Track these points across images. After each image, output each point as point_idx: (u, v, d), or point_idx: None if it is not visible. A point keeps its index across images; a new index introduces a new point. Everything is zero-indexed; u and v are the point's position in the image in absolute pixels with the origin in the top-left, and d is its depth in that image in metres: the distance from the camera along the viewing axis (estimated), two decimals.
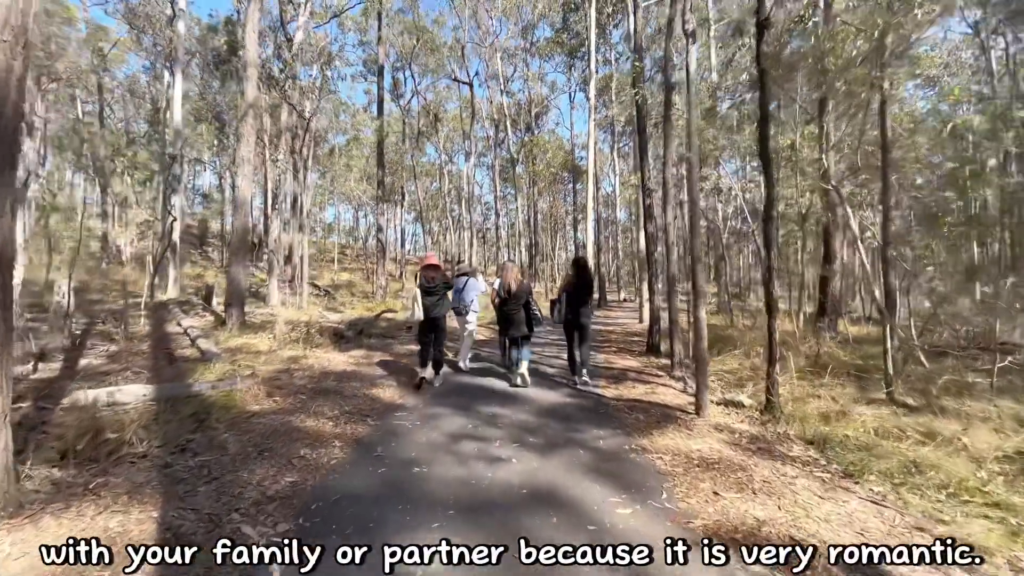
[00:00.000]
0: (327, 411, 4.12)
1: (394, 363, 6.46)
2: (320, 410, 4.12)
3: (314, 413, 4.03)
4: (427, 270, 5.37)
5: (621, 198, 28.08)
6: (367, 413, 4.20)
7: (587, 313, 5.61)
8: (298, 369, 5.48)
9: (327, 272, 32.59)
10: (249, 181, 7.87)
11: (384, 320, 11.20)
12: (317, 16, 20.66)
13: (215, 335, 7.38)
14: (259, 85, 8.71)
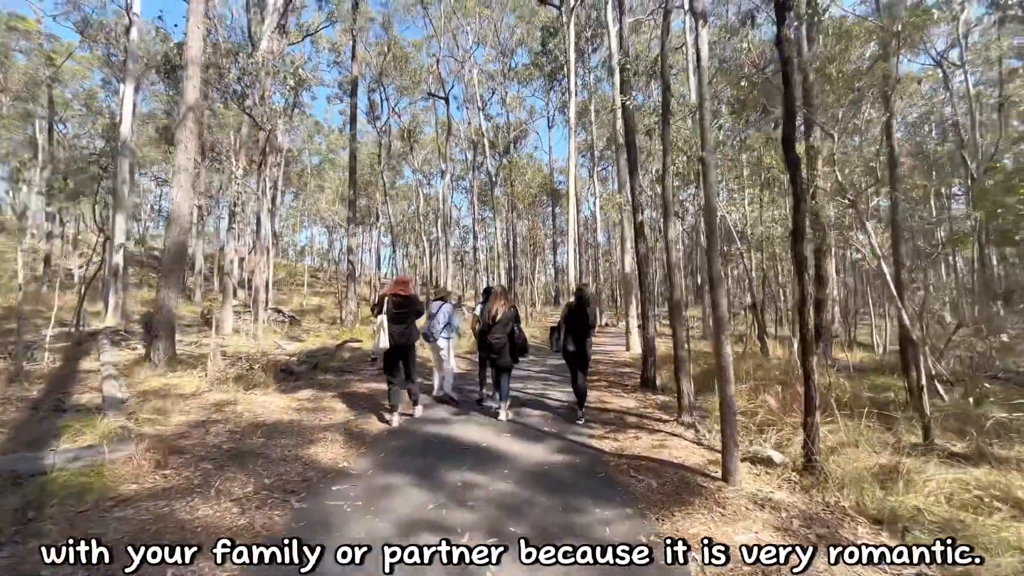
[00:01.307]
0: (237, 488, 3.04)
1: (347, 407, 5.38)
2: (227, 487, 3.04)
3: (217, 492, 2.95)
4: (395, 294, 4.85)
5: (602, 221, 27.63)
6: (293, 488, 3.14)
7: (589, 344, 5.30)
8: (220, 421, 4.37)
9: (297, 296, 31.05)
10: (187, 193, 6.81)
11: (348, 350, 10.06)
12: (291, 36, 19.97)
13: (135, 373, 6.18)
14: (204, 89, 7.72)
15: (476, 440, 4.36)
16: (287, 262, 42.37)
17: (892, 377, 8.18)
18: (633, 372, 8.55)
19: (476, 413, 5.40)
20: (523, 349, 5.33)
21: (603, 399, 6.21)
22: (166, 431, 3.94)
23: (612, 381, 7.63)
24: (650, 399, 6.29)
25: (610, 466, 3.76)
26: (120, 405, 4.51)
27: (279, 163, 28.25)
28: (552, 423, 5.04)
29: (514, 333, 5.23)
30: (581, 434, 4.64)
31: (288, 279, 35.99)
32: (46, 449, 3.19)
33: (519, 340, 5.27)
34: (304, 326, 18.23)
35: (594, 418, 5.26)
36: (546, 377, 8.06)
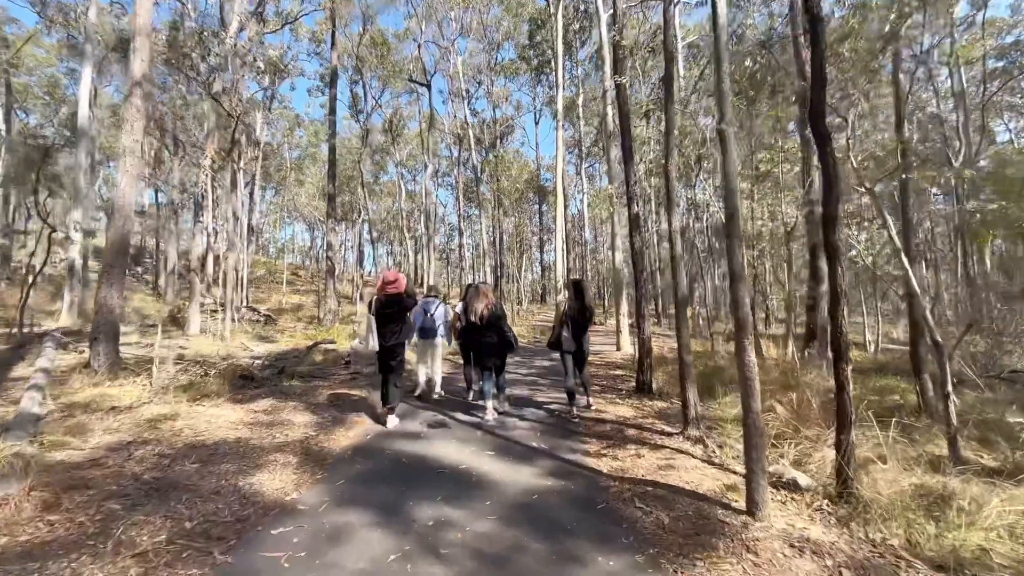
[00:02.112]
0: (146, 537, 2.40)
1: (310, 420, 4.74)
2: (133, 536, 2.40)
3: (117, 545, 2.30)
4: (385, 291, 4.72)
5: (589, 218, 27.16)
6: (221, 534, 2.51)
7: (587, 339, 5.44)
8: (150, 442, 3.70)
9: (276, 295, 30.04)
10: (132, 179, 6.08)
11: (320, 352, 9.37)
12: (269, 24, 19.06)
13: (71, 382, 5.45)
14: (175, 76, 6.96)
15: (455, 460, 3.76)
16: (267, 259, 41.12)
17: (894, 379, 7.78)
18: (626, 375, 8.03)
19: (458, 423, 4.80)
20: (512, 346, 5.30)
21: (597, 407, 5.66)
22: (76, 457, 3.26)
23: (605, 385, 7.09)
24: (648, 406, 5.75)
25: (611, 493, 3.19)
26: (34, 423, 3.81)
27: (256, 157, 27.28)
28: (542, 436, 4.46)
29: (503, 330, 5.20)
30: (575, 450, 4.07)
31: (268, 276, 34.85)
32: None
33: (508, 337, 5.23)
34: (280, 325, 17.40)
35: (589, 430, 4.70)
36: (533, 381, 7.49)
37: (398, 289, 4.72)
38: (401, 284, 4.76)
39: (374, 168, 36.02)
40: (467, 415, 5.18)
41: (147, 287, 25.54)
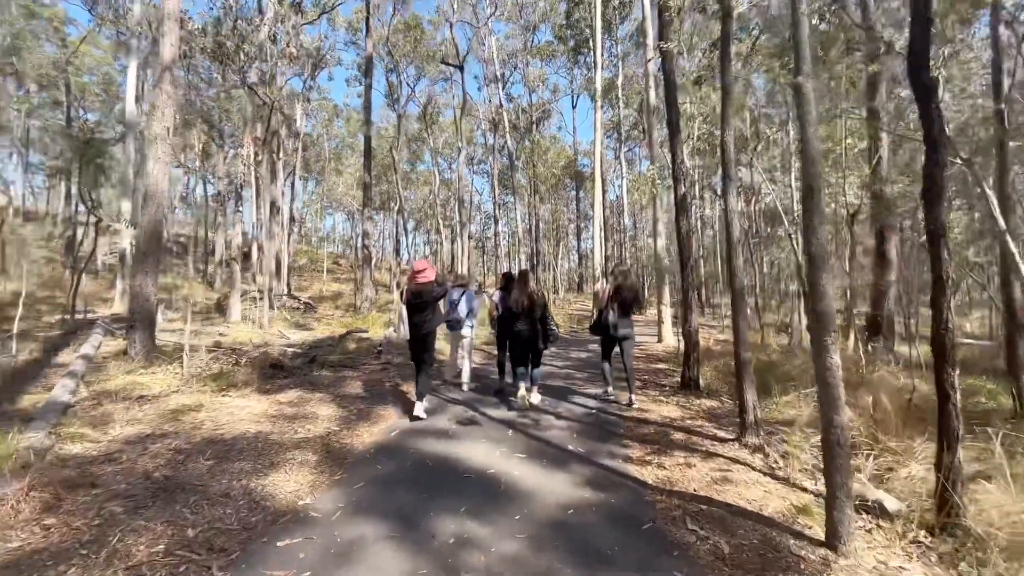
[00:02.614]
0: (143, 546, 2.20)
1: (334, 413, 4.54)
2: (129, 545, 2.20)
3: (110, 556, 2.11)
4: (415, 280, 4.70)
5: (628, 204, 26.21)
6: (224, 545, 2.28)
7: (631, 324, 5.25)
8: (169, 435, 3.57)
9: (317, 283, 30.82)
10: (164, 165, 6.05)
11: (353, 340, 9.30)
12: (306, 15, 19.17)
13: (107, 369, 5.50)
14: (190, 53, 6.91)
15: (483, 463, 3.44)
16: (309, 248, 42.27)
17: (978, 379, 6.93)
18: (669, 369, 7.51)
19: (489, 421, 4.49)
20: (552, 337, 5.22)
21: (640, 404, 5.22)
22: (91, 451, 3.15)
23: (647, 380, 6.61)
24: (695, 405, 5.26)
25: (658, 510, 2.79)
26: (60, 413, 3.77)
27: (296, 148, 27.83)
28: (578, 437, 4.08)
29: (545, 319, 5.09)
30: (615, 455, 3.67)
31: (310, 265, 35.82)
32: None
33: (549, 328, 5.15)
34: (319, 313, 17.70)
35: (630, 432, 4.28)
36: (569, 374, 7.09)
37: (427, 278, 4.69)
38: (430, 273, 4.75)
39: (410, 157, 36.18)
40: (499, 411, 4.86)
41: (198, 275, 26.67)
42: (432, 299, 4.67)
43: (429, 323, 4.67)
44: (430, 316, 4.67)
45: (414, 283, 4.68)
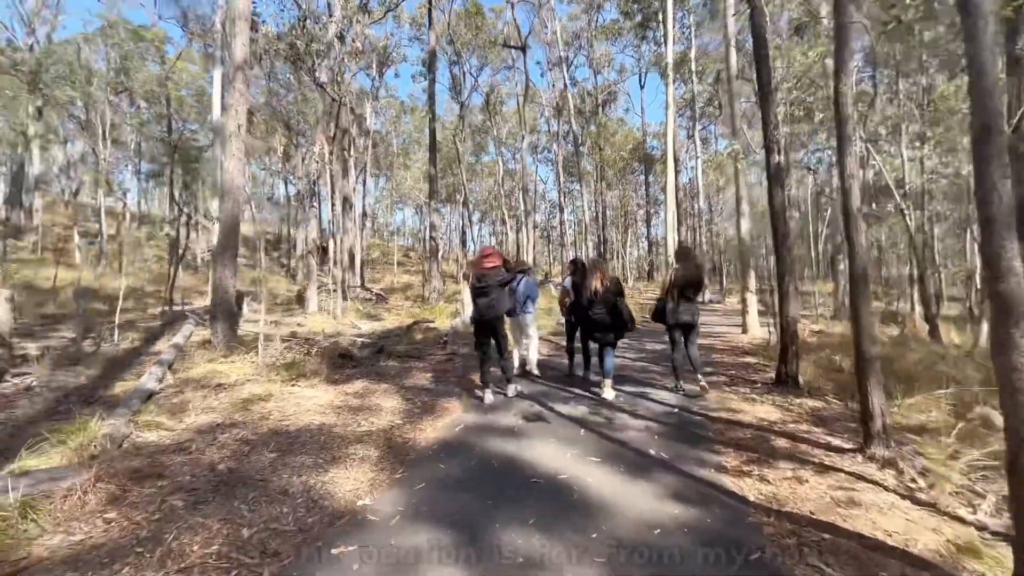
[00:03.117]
0: (196, 546, 2.09)
1: (398, 405, 4.41)
2: (184, 544, 2.10)
3: (164, 556, 2.01)
4: (481, 265, 4.72)
5: (704, 186, 24.53)
6: (278, 548, 2.13)
7: (696, 310, 4.96)
8: (238, 424, 3.57)
9: (388, 275, 32.02)
10: (238, 162, 6.26)
11: (420, 331, 9.32)
12: (374, 13, 19.66)
13: (192, 357, 5.79)
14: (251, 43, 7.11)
15: (553, 466, 3.11)
16: (381, 242, 44.05)
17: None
18: (759, 364, 6.73)
19: (558, 417, 4.15)
20: (629, 325, 4.92)
21: (729, 403, 4.63)
22: (165, 440, 3.19)
23: (735, 376, 5.93)
24: (795, 405, 4.58)
25: (767, 536, 2.30)
26: (143, 399, 3.92)
27: (367, 146, 28.90)
28: (660, 440, 3.62)
29: (619, 307, 4.82)
30: (706, 463, 3.19)
31: (381, 258, 37.31)
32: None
33: (624, 316, 4.85)
34: (390, 304, 18.23)
35: (721, 436, 3.75)
36: (644, 367, 6.56)
37: (494, 263, 4.70)
38: (497, 258, 4.78)
39: (474, 148, 36.40)
40: (568, 407, 4.50)
41: (282, 270, 28.64)
42: (497, 284, 4.62)
43: (495, 308, 4.61)
44: (496, 301, 4.61)
45: (480, 268, 4.69)
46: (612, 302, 4.82)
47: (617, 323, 4.85)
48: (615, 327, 4.88)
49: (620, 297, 4.89)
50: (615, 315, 4.82)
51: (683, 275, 4.82)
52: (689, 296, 4.89)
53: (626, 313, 4.84)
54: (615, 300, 4.83)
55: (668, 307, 4.90)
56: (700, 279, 4.96)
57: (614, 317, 4.82)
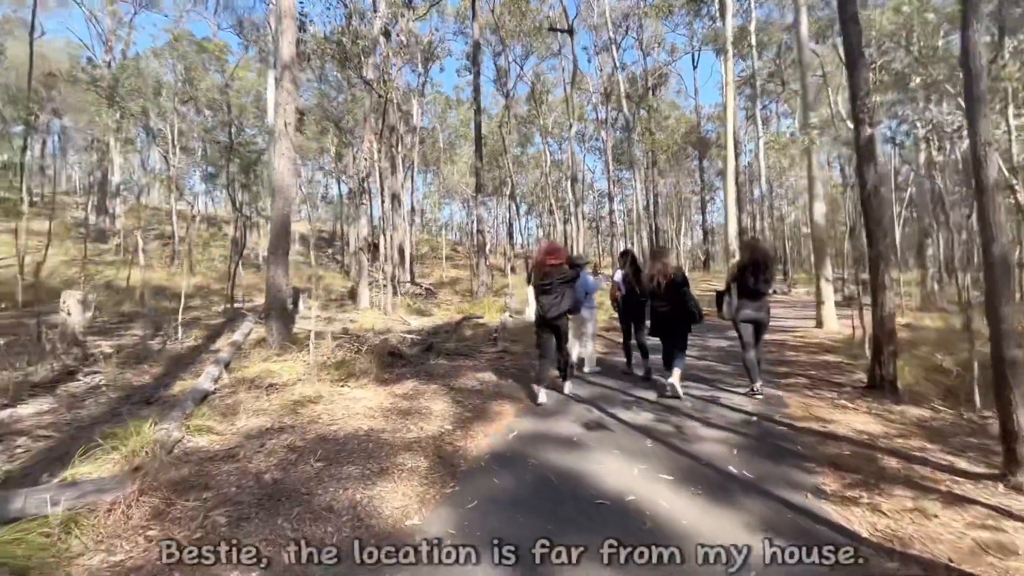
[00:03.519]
0: (245, 558, 1.93)
1: (448, 408, 4.20)
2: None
3: None
4: (544, 262, 4.54)
5: (766, 169, 22.94)
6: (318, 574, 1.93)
7: (766, 307, 4.63)
8: (288, 428, 3.47)
9: (438, 270, 32.45)
10: (288, 160, 6.28)
11: (469, 327, 9.16)
12: (418, 10, 19.73)
13: (250, 356, 5.87)
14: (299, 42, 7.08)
15: (619, 485, 2.77)
16: (430, 237, 44.72)
17: None
18: (844, 363, 6.03)
19: (620, 424, 3.79)
20: (696, 318, 4.60)
21: (815, 410, 4.08)
22: (215, 445, 3.12)
23: (816, 377, 5.31)
24: (896, 415, 3.97)
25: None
26: (198, 401, 3.92)
27: (414, 143, 29.25)
28: (741, 455, 3.19)
29: (686, 298, 4.55)
30: (800, 486, 2.74)
31: (430, 253, 37.87)
32: (48, 477, 2.48)
33: (692, 308, 4.57)
34: (439, 298, 18.34)
35: (813, 451, 3.25)
36: (711, 367, 6.03)
37: (559, 260, 4.54)
38: (563, 255, 4.64)
39: (520, 139, 36.02)
40: (630, 413, 4.13)
41: (337, 265, 29.64)
42: (561, 281, 4.44)
43: (559, 306, 4.41)
44: (560, 299, 4.42)
45: (543, 266, 4.51)
46: (677, 294, 4.55)
47: (683, 316, 4.56)
48: (681, 321, 4.59)
49: (686, 287, 4.61)
50: (681, 308, 4.54)
51: (751, 268, 4.46)
52: (760, 289, 4.50)
53: (693, 305, 4.56)
54: (681, 291, 4.56)
55: (735, 301, 4.56)
56: (770, 271, 4.55)
57: (680, 310, 4.54)
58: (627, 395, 4.71)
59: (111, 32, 26.23)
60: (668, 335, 4.68)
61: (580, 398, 4.62)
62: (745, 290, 4.52)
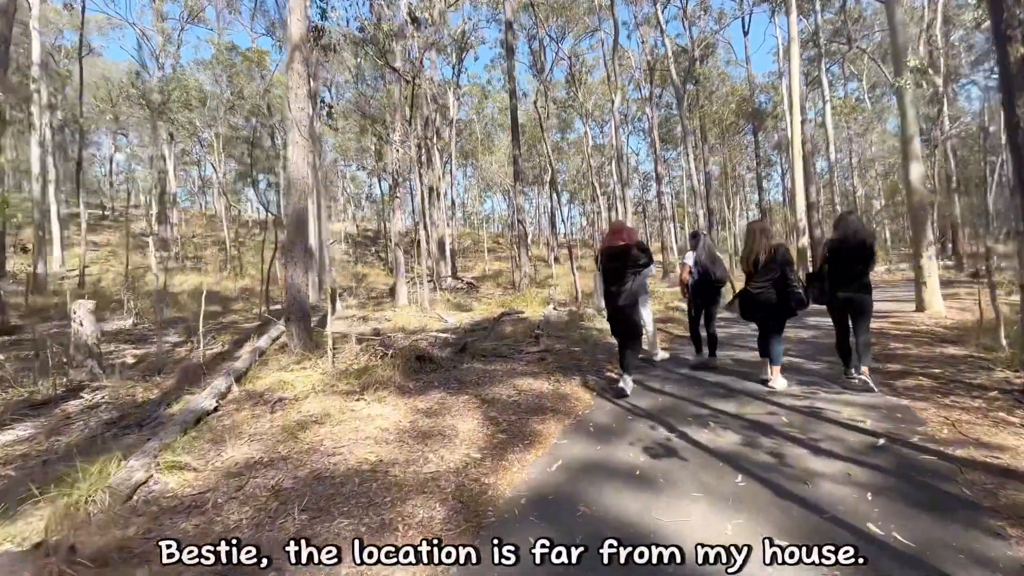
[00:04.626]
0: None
1: (477, 429, 3.46)
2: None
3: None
4: (610, 245, 4.34)
5: (834, 135, 20.72)
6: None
7: (866, 287, 3.99)
8: (276, 462, 2.84)
9: (480, 263, 32.04)
10: (302, 150, 5.74)
11: (509, 322, 8.42)
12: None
13: (269, 362, 5.41)
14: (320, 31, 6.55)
15: (711, 553, 1.92)
16: (471, 231, 44.40)
17: None
18: (973, 357, 4.79)
19: (696, 449, 2.91)
20: (802, 300, 4.09)
21: (964, 426, 3.03)
22: (185, 490, 2.52)
23: (944, 378, 4.15)
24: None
25: None
26: (192, 423, 3.39)
27: (451, 135, 28.81)
28: (881, 503, 2.24)
29: (788, 279, 4.07)
30: (991, 561, 1.79)
31: (473, 247, 37.53)
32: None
33: (794, 288, 4.07)
34: (481, 292, 17.75)
35: (986, 494, 2.26)
36: (799, 365, 4.97)
37: (625, 239, 4.25)
38: (630, 235, 4.34)
39: (559, 125, 34.83)
40: (707, 431, 3.23)
41: (381, 263, 29.78)
42: (632, 264, 4.16)
43: (628, 294, 4.17)
44: (629, 286, 4.16)
45: (609, 245, 4.30)
46: (779, 274, 4.10)
47: (785, 301, 4.09)
48: (782, 305, 4.13)
49: (789, 267, 4.14)
50: (783, 290, 4.09)
51: (846, 247, 3.98)
52: (857, 271, 3.99)
53: (799, 287, 4.10)
54: (783, 271, 4.09)
55: (827, 285, 4.11)
56: (868, 251, 3.98)
57: (781, 293, 4.09)
58: (699, 405, 3.81)
59: (161, 48, 27.29)
60: (766, 321, 4.26)
61: (642, 411, 3.77)
62: (838, 272, 4.02)
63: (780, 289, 4.10)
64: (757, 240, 4.24)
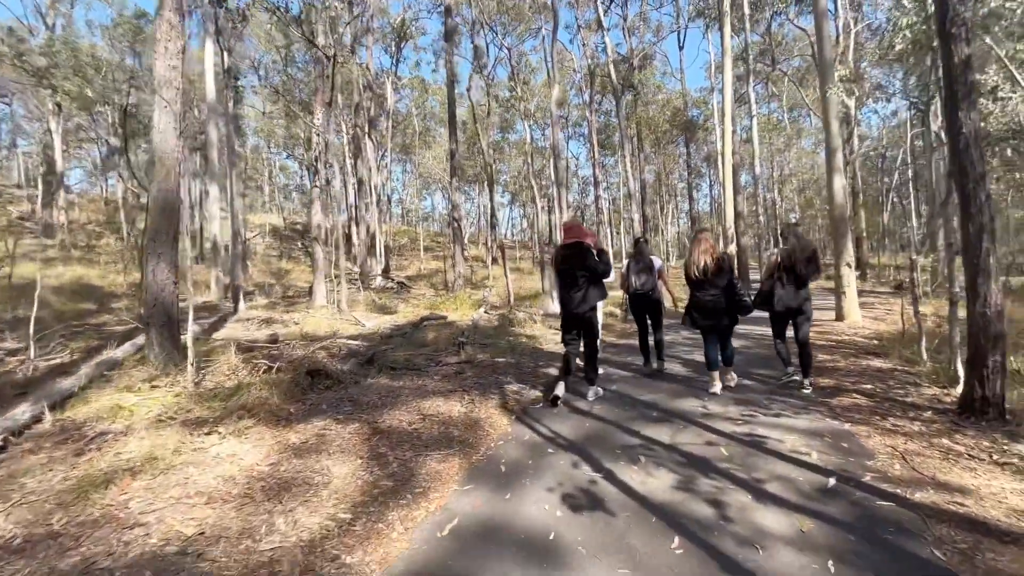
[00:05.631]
0: None
1: (353, 478, 2.71)
2: None
3: None
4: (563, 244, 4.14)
5: (760, 149, 21.73)
6: None
7: (807, 295, 4.14)
8: (41, 543, 1.96)
9: (416, 262, 30.84)
10: (172, 116, 4.68)
11: (432, 328, 7.67)
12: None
13: (117, 378, 4.32)
14: None
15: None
16: (409, 228, 42.79)
17: None
18: (897, 370, 4.68)
19: (623, 493, 2.35)
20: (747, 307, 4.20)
21: (915, 459, 2.70)
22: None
23: (876, 395, 3.93)
24: (1016, 453, 2.61)
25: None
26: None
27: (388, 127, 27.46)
28: (832, 560, 1.78)
29: (734, 287, 4.16)
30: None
31: (410, 245, 36.10)
32: None
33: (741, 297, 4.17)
34: (412, 292, 16.77)
35: (960, 555, 1.86)
36: (743, 371, 4.64)
37: (577, 237, 4.08)
38: (581, 232, 4.17)
39: (501, 125, 34.34)
40: (637, 468, 2.70)
41: (308, 259, 27.76)
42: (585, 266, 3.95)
43: (587, 300, 3.99)
44: (584, 292, 3.98)
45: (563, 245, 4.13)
46: (726, 280, 4.13)
47: (732, 307, 4.15)
48: (729, 312, 4.16)
49: (733, 275, 4.19)
50: (730, 297, 4.14)
51: (795, 258, 4.07)
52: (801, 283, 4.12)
53: (742, 295, 4.19)
54: (729, 279, 4.13)
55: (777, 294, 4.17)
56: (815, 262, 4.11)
57: (729, 300, 4.14)
58: (631, 433, 3.29)
59: (49, 5, 23.78)
60: (715, 328, 4.20)
61: (564, 441, 3.19)
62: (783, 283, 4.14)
63: (728, 296, 4.13)
64: (701, 246, 4.17)
